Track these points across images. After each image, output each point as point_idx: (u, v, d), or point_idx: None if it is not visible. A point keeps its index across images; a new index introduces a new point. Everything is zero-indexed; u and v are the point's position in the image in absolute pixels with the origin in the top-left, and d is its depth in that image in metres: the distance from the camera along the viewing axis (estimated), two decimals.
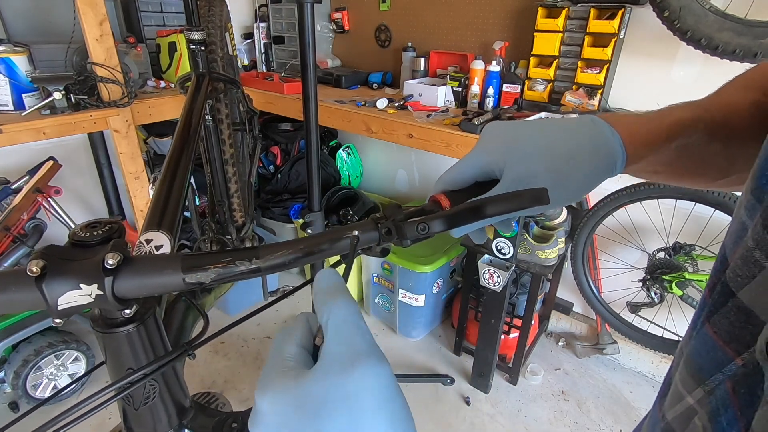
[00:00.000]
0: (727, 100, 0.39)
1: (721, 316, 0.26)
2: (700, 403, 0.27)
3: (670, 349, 1.70)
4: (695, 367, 0.28)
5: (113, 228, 0.34)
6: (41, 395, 1.63)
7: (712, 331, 0.27)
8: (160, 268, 0.31)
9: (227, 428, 0.47)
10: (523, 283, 1.77)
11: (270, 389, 0.23)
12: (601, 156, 0.36)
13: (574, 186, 0.36)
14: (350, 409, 0.22)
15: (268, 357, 0.27)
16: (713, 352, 0.26)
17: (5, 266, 1.47)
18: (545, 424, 1.68)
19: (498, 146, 0.38)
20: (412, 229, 0.32)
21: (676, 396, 0.30)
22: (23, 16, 1.86)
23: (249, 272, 0.32)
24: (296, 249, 0.32)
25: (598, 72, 1.47)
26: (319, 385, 0.22)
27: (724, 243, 0.29)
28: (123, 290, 0.31)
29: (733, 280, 0.26)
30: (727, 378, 0.25)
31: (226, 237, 1.24)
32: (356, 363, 0.23)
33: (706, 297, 0.29)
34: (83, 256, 0.31)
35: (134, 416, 0.43)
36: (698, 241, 1.58)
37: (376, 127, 1.64)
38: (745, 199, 0.27)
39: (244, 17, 2.58)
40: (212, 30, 1.07)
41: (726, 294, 0.26)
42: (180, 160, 0.60)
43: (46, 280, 0.29)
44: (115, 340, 0.38)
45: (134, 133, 1.77)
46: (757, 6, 1.23)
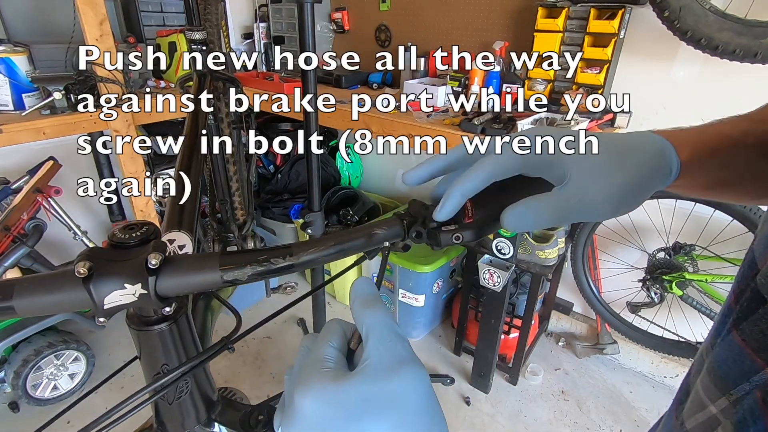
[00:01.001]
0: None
1: (751, 323, 0.25)
2: (724, 412, 0.26)
3: (671, 349, 1.70)
4: (719, 375, 0.27)
5: (150, 230, 0.35)
6: (41, 395, 1.63)
7: (740, 339, 0.26)
8: (199, 267, 0.33)
9: (254, 420, 0.48)
10: (523, 283, 1.77)
11: (313, 389, 0.24)
12: (658, 156, 0.33)
13: (633, 182, 0.32)
14: (396, 410, 0.23)
15: (299, 359, 0.28)
16: (740, 360, 0.25)
17: (5, 266, 1.47)
18: (545, 424, 1.68)
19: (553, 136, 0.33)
20: (447, 237, 0.33)
21: (698, 404, 0.29)
22: (23, 16, 1.86)
23: (284, 269, 0.33)
24: (327, 245, 0.34)
25: (598, 72, 1.47)
26: (365, 386, 0.23)
27: (753, 248, 0.27)
28: (165, 289, 0.32)
29: (765, 287, 0.25)
30: (756, 387, 0.24)
31: (228, 236, 1.25)
32: (400, 368, 0.24)
33: (731, 303, 0.28)
34: (125, 257, 0.33)
35: (167, 411, 0.44)
36: (698, 241, 1.58)
37: (376, 127, 1.64)
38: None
39: (244, 17, 2.58)
40: (210, 29, 1.07)
41: (757, 301, 0.25)
42: (192, 160, 0.60)
43: (93, 280, 0.30)
44: (151, 337, 0.39)
45: (134, 133, 1.77)
46: (757, 6, 1.23)
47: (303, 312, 2.15)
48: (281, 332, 2.09)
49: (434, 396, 0.24)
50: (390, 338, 0.26)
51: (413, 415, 0.23)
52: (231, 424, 0.48)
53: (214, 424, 0.48)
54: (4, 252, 1.48)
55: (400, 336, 0.26)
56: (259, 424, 0.48)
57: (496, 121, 1.47)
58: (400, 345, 0.25)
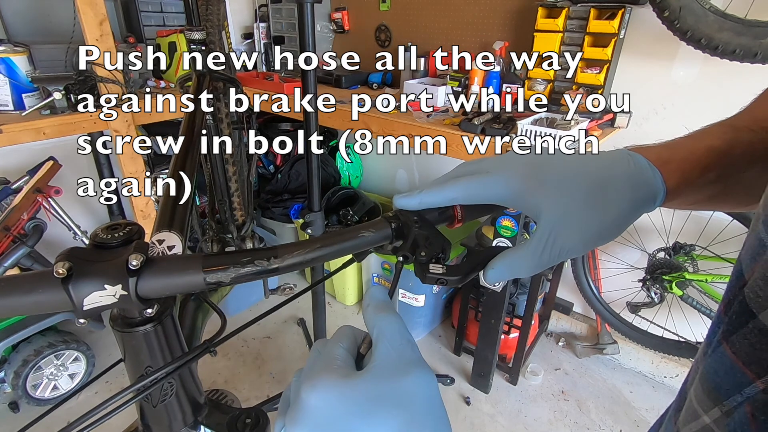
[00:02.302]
0: (759, 116, 0.36)
1: (741, 336, 0.25)
2: (717, 423, 0.26)
3: (671, 349, 1.70)
4: (711, 385, 0.27)
5: (133, 230, 0.35)
6: (41, 395, 1.63)
7: (731, 352, 0.26)
8: (181, 269, 0.32)
9: (241, 424, 0.48)
10: (523, 283, 1.77)
11: (321, 385, 0.24)
12: (639, 186, 0.32)
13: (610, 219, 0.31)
14: (404, 410, 0.23)
15: (309, 360, 0.28)
16: (732, 372, 0.25)
17: (5, 266, 1.47)
18: (545, 424, 1.68)
19: (524, 174, 0.33)
20: (432, 279, 0.33)
21: (692, 413, 0.29)
22: (23, 16, 1.86)
23: (268, 271, 0.33)
24: (313, 248, 0.33)
25: (598, 72, 1.47)
26: (373, 385, 0.24)
27: (740, 258, 0.27)
28: (146, 290, 0.32)
29: (753, 301, 0.24)
30: (746, 401, 0.24)
31: (227, 236, 1.25)
32: (409, 369, 0.25)
33: (721, 313, 0.28)
34: (106, 257, 0.32)
35: (151, 414, 0.44)
36: (698, 241, 1.58)
37: (376, 127, 1.64)
38: (764, 213, 0.25)
39: (244, 17, 2.58)
40: (211, 29, 1.07)
41: (746, 314, 0.25)
42: (186, 160, 0.60)
43: (72, 281, 0.30)
44: (134, 339, 0.39)
45: (134, 133, 1.77)
46: (757, 6, 1.23)
47: (303, 312, 2.15)
48: (281, 332, 2.09)
49: (441, 399, 0.25)
50: (400, 342, 0.26)
51: (420, 416, 0.23)
52: (218, 428, 0.48)
53: (201, 427, 0.48)
54: (4, 252, 1.48)
55: (411, 341, 0.27)
56: (247, 428, 0.47)
57: (496, 121, 1.47)
58: (409, 349, 0.26)
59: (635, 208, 0.32)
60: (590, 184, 0.31)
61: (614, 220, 0.31)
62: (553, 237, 0.31)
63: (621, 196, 0.31)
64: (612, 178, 0.32)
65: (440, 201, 0.35)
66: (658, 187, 0.32)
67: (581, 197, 0.31)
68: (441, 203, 0.35)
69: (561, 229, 0.31)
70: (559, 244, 0.31)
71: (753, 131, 0.35)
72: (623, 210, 0.32)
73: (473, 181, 0.34)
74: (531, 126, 1.33)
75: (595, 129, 1.44)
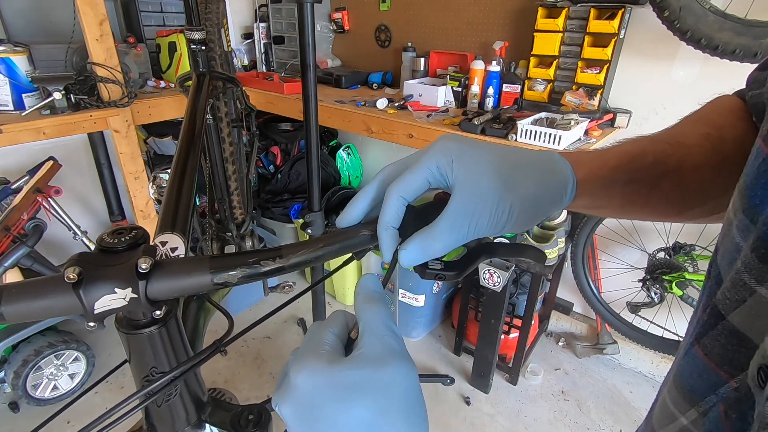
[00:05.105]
0: (676, 132, 0.39)
1: (711, 338, 0.26)
2: (694, 424, 0.27)
3: (671, 349, 1.70)
4: (686, 387, 0.28)
5: (138, 234, 0.36)
6: (41, 395, 1.63)
7: (702, 354, 0.26)
8: (189, 270, 0.33)
9: (244, 421, 0.48)
10: (523, 283, 1.77)
11: (307, 367, 0.25)
12: (550, 173, 0.34)
13: (519, 200, 0.32)
14: (381, 398, 0.24)
15: (305, 340, 0.29)
16: (705, 373, 0.26)
17: (5, 266, 1.47)
18: (545, 424, 1.68)
19: (450, 153, 0.33)
20: (431, 274, 0.34)
21: (668, 415, 0.29)
22: (23, 16, 1.86)
23: (273, 271, 0.33)
24: (316, 248, 0.34)
25: (598, 72, 1.47)
26: (355, 371, 0.25)
27: (719, 263, 0.28)
28: (155, 292, 0.33)
29: (722, 302, 0.25)
30: (720, 400, 0.25)
31: (227, 234, 1.25)
32: (391, 359, 0.25)
33: (700, 317, 0.28)
34: (115, 261, 0.33)
35: (156, 413, 0.44)
36: (698, 241, 1.58)
37: (376, 127, 1.64)
38: (737, 219, 0.26)
39: (244, 17, 2.58)
40: (210, 28, 1.07)
41: (716, 316, 0.26)
42: (187, 161, 0.60)
43: (83, 285, 0.31)
44: (140, 340, 0.39)
45: (134, 133, 1.77)
46: (757, 6, 1.23)
47: (303, 312, 2.15)
48: (281, 332, 2.09)
49: (420, 392, 0.25)
50: (385, 333, 0.27)
51: (397, 405, 0.24)
52: (221, 425, 0.48)
53: (205, 425, 0.48)
54: (4, 252, 1.48)
55: (395, 333, 0.27)
56: (250, 424, 0.48)
57: (496, 121, 1.47)
58: (393, 340, 0.27)
59: (544, 192, 0.33)
60: (502, 164, 0.32)
61: (523, 201, 0.32)
62: (464, 213, 0.31)
63: (529, 177, 0.33)
64: (523, 160, 0.34)
65: (374, 196, 0.35)
66: (567, 174, 0.34)
67: (492, 174, 0.32)
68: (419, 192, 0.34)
69: (471, 205, 0.31)
70: (469, 220, 0.31)
71: (668, 144, 0.37)
72: (531, 191, 0.32)
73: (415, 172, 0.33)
74: (531, 126, 1.33)
75: (595, 129, 1.44)
